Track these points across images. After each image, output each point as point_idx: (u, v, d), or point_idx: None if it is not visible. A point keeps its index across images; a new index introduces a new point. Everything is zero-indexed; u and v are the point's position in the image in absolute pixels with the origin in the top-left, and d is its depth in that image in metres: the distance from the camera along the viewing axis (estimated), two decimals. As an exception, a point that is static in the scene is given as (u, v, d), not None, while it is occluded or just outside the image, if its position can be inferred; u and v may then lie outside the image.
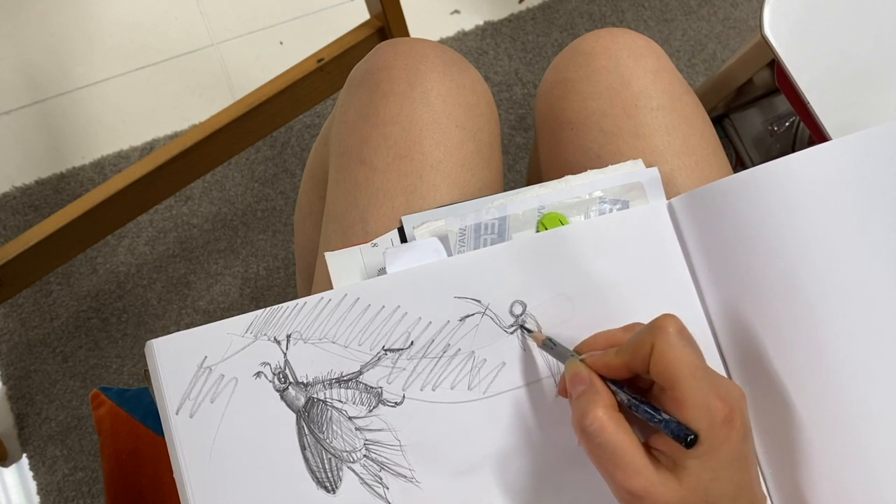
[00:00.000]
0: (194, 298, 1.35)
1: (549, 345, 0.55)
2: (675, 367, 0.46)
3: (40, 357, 1.32)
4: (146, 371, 0.55)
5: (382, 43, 0.72)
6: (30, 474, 1.28)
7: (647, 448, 0.47)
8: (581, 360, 0.51)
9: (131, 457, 0.96)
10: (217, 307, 1.35)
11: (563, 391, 0.54)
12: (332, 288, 0.59)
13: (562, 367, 0.56)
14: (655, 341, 0.46)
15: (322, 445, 0.55)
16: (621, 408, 0.49)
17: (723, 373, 0.58)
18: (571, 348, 0.54)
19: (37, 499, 1.26)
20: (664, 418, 0.46)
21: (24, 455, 1.28)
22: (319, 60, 1.09)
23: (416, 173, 0.65)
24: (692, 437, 0.45)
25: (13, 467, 1.28)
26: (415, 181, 0.65)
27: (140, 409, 0.99)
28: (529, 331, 0.57)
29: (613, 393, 0.49)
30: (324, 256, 0.62)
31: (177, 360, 0.54)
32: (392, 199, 0.64)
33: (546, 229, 0.61)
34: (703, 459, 0.45)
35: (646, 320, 0.53)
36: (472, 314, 0.57)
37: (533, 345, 0.57)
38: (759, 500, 0.48)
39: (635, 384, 0.51)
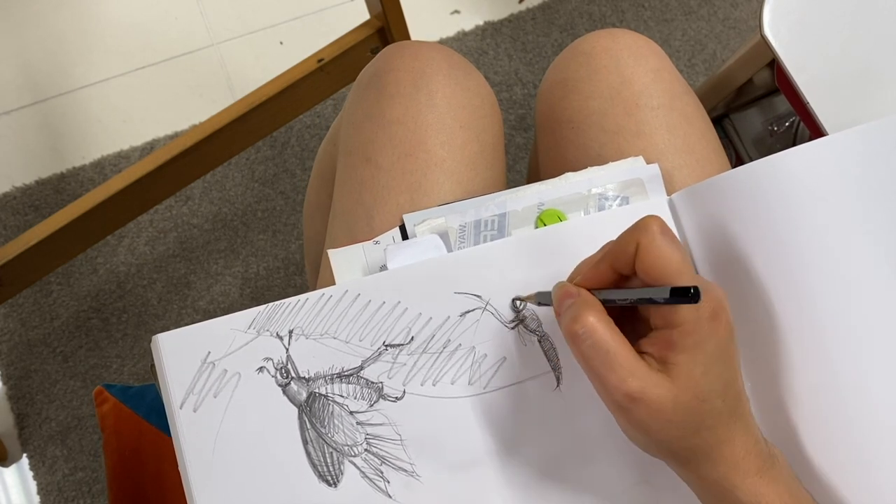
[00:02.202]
0: (194, 298, 1.35)
1: (542, 298, 0.55)
2: (661, 263, 0.46)
3: (40, 357, 1.32)
4: (152, 366, 0.56)
5: (389, 46, 0.73)
6: (30, 474, 1.28)
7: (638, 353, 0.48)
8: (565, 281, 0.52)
9: (134, 453, 0.96)
10: (217, 307, 1.35)
11: (556, 312, 0.54)
12: (335, 284, 0.59)
13: (564, 357, 0.57)
14: (640, 240, 0.47)
15: (324, 439, 0.55)
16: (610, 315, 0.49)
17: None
18: None
19: (37, 499, 1.26)
20: (660, 288, 0.46)
21: (24, 455, 1.28)
22: (319, 60, 1.09)
23: (421, 171, 0.66)
24: (693, 289, 0.44)
25: (13, 467, 1.28)
26: (419, 179, 0.65)
27: (143, 406, 0.99)
28: (522, 299, 0.58)
29: (603, 301, 0.49)
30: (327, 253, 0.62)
31: (181, 355, 0.55)
32: (396, 197, 0.65)
33: (545, 225, 0.61)
34: (691, 353, 0.46)
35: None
36: (473, 310, 0.58)
37: (532, 339, 0.57)
38: (744, 398, 0.49)
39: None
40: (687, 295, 0.44)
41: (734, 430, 0.48)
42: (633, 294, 0.48)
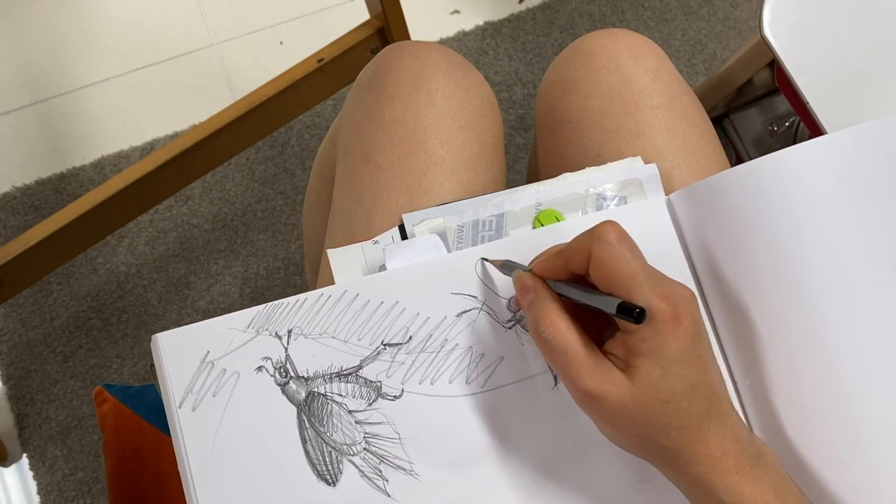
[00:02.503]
0: (194, 298, 1.35)
1: (507, 267, 0.56)
2: (613, 273, 0.47)
3: (40, 357, 1.32)
4: (151, 365, 0.56)
5: (389, 46, 0.73)
6: (30, 474, 1.28)
7: (604, 354, 0.48)
8: (526, 271, 0.52)
9: (134, 453, 0.97)
10: (217, 307, 1.35)
11: (517, 302, 0.56)
12: (334, 283, 0.60)
13: None
14: (592, 248, 0.48)
15: (322, 438, 0.55)
16: (573, 314, 0.50)
17: (723, 367, 0.58)
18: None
19: (37, 499, 1.26)
20: (610, 299, 0.47)
21: (24, 455, 1.28)
22: (319, 60, 1.09)
23: (421, 171, 0.66)
24: (639, 310, 0.45)
25: (13, 467, 1.28)
26: (419, 179, 0.65)
27: (143, 406, 1.00)
28: (488, 260, 0.58)
29: (560, 295, 0.50)
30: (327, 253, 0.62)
31: (180, 354, 0.55)
32: (396, 197, 0.65)
33: (542, 226, 0.61)
34: (651, 357, 0.46)
35: None
36: (470, 310, 0.58)
37: (529, 338, 0.57)
38: (718, 398, 0.49)
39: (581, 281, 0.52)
40: (632, 314, 0.45)
41: (708, 431, 0.48)
42: (585, 297, 0.49)
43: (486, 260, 0.59)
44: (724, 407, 0.49)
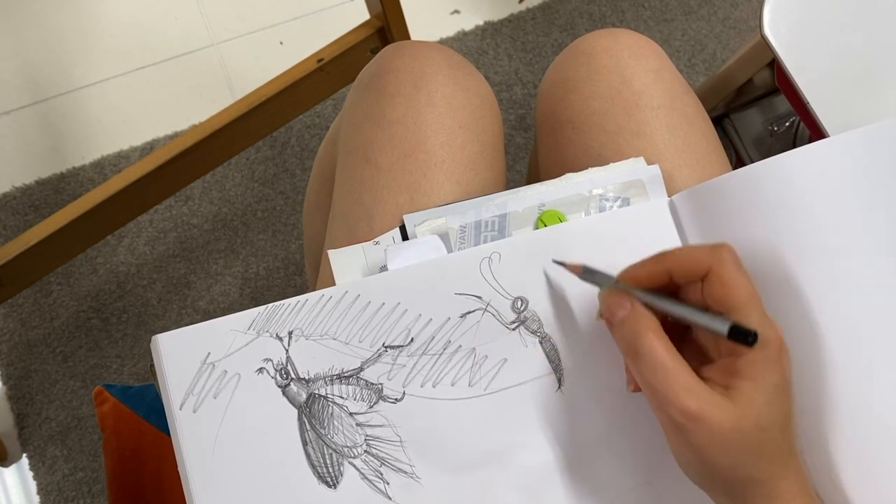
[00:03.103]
0: (194, 298, 1.35)
1: (588, 272, 0.54)
2: (735, 293, 0.47)
3: (40, 357, 1.32)
4: (151, 366, 0.56)
5: (389, 46, 0.73)
6: (30, 474, 1.28)
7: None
8: (616, 286, 0.51)
9: (134, 453, 0.97)
10: (217, 307, 1.35)
11: (604, 318, 0.54)
12: (335, 284, 0.59)
13: (566, 358, 0.57)
14: (714, 264, 0.47)
15: (323, 441, 0.55)
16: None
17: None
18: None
19: (37, 499, 1.26)
20: (722, 319, 0.46)
21: (24, 455, 1.28)
22: (319, 60, 1.09)
23: (421, 172, 0.66)
24: (752, 336, 0.45)
25: (13, 467, 1.28)
26: (419, 179, 0.65)
27: (143, 406, 0.99)
28: (563, 263, 0.57)
29: (657, 311, 0.49)
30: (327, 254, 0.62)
31: (180, 355, 0.55)
32: (396, 197, 0.65)
33: (545, 226, 0.61)
34: (756, 381, 0.46)
35: None
36: (473, 311, 0.57)
37: (533, 340, 0.57)
38: (795, 434, 0.49)
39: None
40: (746, 338, 0.45)
41: (790, 466, 0.48)
42: (690, 314, 0.48)
43: (561, 263, 0.57)
44: (798, 446, 0.49)
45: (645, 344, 0.47)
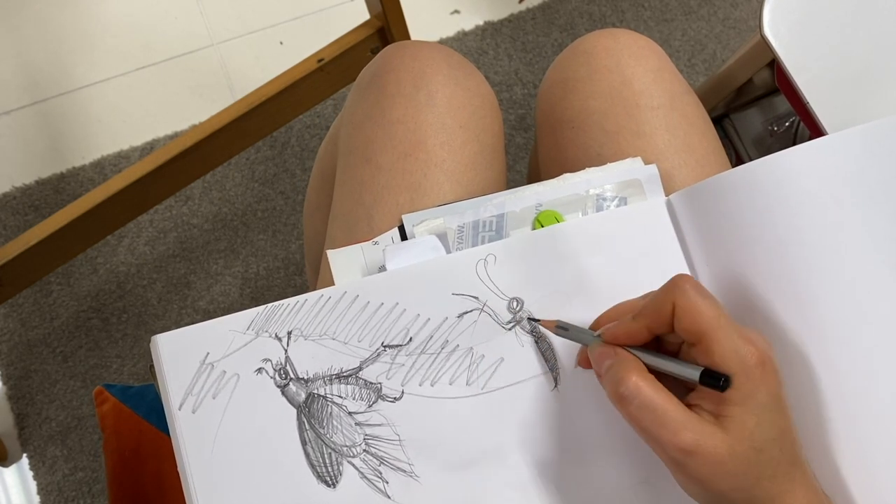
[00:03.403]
0: (194, 298, 1.35)
1: (562, 328, 0.55)
2: (700, 319, 0.46)
3: (40, 357, 1.32)
4: (151, 366, 0.56)
5: (389, 46, 0.73)
6: (30, 474, 1.28)
7: (689, 407, 0.48)
8: (600, 340, 0.51)
9: (134, 453, 0.97)
10: (217, 307, 1.35)
11: (583, 362, 0.55)
12: (334, 284, 0.60)
13: (562, 358, 0.57)
14: (676, 299, 0.47)
15: (322, 440, 0.55)
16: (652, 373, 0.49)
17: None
18: (586, 327, 0.55)
19: (37, 499, 1.26)
20: (693, 367, 0.47)
21: (24, 455, 1.28)
22: (319, 60, 1.09)
23: (421, 171, 0.66)
24: (724, 378, 0.45)
25: (13, 467, 1.28)
26: (419, 179, 0.65)
27: (143, 406, 1.00)
28: (537, 320, 0.58)
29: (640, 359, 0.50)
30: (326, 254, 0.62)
31: (180, 356, 0.55)
32: (396, 197, 0.65)
33: (542, 226, 0.61)
34: (744, 405, 0.46)
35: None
36: (470, 311, 0.58)
37: (529, 340, 0.57)
38: (798, 445, 0.49)
39: (658, 349, 0.51)
40: (718, 382, 0.46)
41: (795, 480, 0.47)
42: (664, 364, 0.49)
43: (535, 321, 0.58)
44: (803, 455, 0.49)
45: (629, 385, 0.47)
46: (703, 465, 0.46)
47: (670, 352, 0.51)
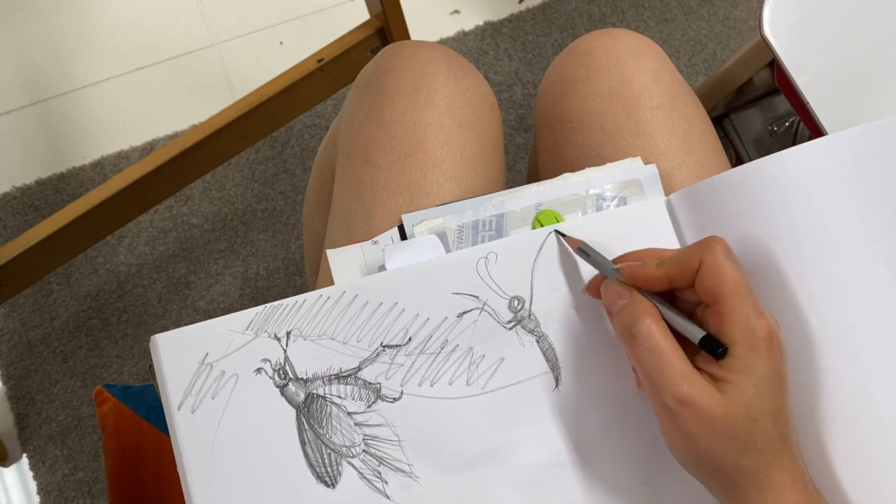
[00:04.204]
0: (194, 298, 1.35)
1: (583, 251, 0.56)
2: (722, 282, 0.48)
3: (40, 357, 1.32)
4: (151, 366, 0.56)
5: (389, 46, 0.73)
6: (30, 474, 1.28)
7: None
8: (618, 276, 0.52)
9: (134, 453, 0.97)
10: (217, 307, 1.35)
11: (592, 290, 0.56)
12: (334, 284, 0.59)
13: (563, 357, 0.57)
14: (704, 257, 0.48)
15: (321, 440, 0.55)
16: None
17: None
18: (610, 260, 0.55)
19: (37, 499, 1.26)
20: (697, 328, 0.48)
21: (24, 455, 1.28)
22: (319, 60, 1.09)
23: (420, 171, 0.66)
24: (721, 348, 0.47)
25: (13, 467, 1.28)
26: (419, 179, 0.65)
27: (143, 406, 0.99)
28: (563, 235, 0.58)
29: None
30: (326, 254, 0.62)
31: (179, 356, 0.55)
32: (396, 197, 0.65)
33: (542, 226, 0.61)
34: (746, 374, 0.47)
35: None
36: (470, 310, 0.57)
37: (531, 339, 0.57)
38: (792, 427, 0.49)
39: (672, 302, 0.52)
40: (716, 349, 0.47)
41: (783, 457, 0.48)
42: (673, 319, 0.50)
43: (561, 234, 0.58)
44: (794, 438, 0.50)
45: (642, 328, 0.49)
46: (695, 419, 0.47)
47: (683, 311, 0.52)
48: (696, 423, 0.47)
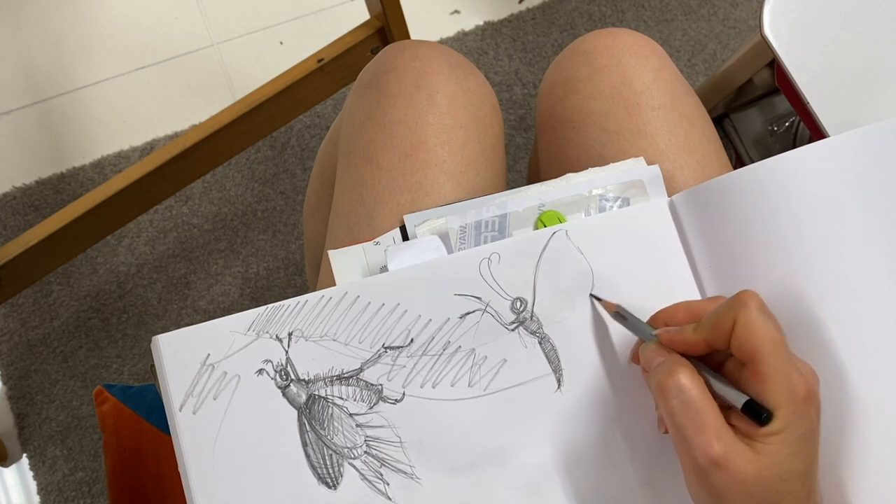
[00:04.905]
0: (194, 298, 1.35)
1: (621, 315, 0.55)
2: (759, 341, 0.46)
3: (40, 357, 1.32)
4: (152, 366, 0.56)
5: (389, 46, 0.73)
6: (30, 474, 1.28)
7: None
8: (656, 340, 0.51)
9: (134, 453, 0.96)
10: (217, 307, 1.35)
11: (635, 358, 0.55)
12: (335, 284, 0.59)
13: (565, 359, 0.57)
14: (738, 315, 0.47)
15: (323, 442, 0.55)
16: None
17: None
18: (644, 319, 0.54)
19: (37, 499, 1.26)
20: (739, 394, 0.47)
21: (24, 455, 1.28)
22: (319, 60, 1.09)
23: (422, 172, 0.66)
24: (766, 414, 0.45)
25: (13, 467, 1.28)
26: (420, 179, 0.65)
27: (144, 406, 0.99)
28: (599, 299, 0.57)
29: None
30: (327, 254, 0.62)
31: (180, 357, 0.55)
32: (397, 197, 0.65)
33: (545, 227, 0.61)
34: (783, 435, 0.45)
35: (644, 317, 0.54)
36: (473, 311, 0.57)
37: (533, 341, 0.57)
38: (817, 480, 0.48)
39: (710, 362, 0.51)
40: (760, 415, 0.45)
41: None
42: (714, 383, 0.48)
43: (597, 298, 0.58)
44: (818, 490, 0.49)
45: (677, 381, 0.47)
46: (725, 479, 0.45)
47: (716, 361, 0.50)
48: (726, 483, 0.45)
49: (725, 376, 0.49)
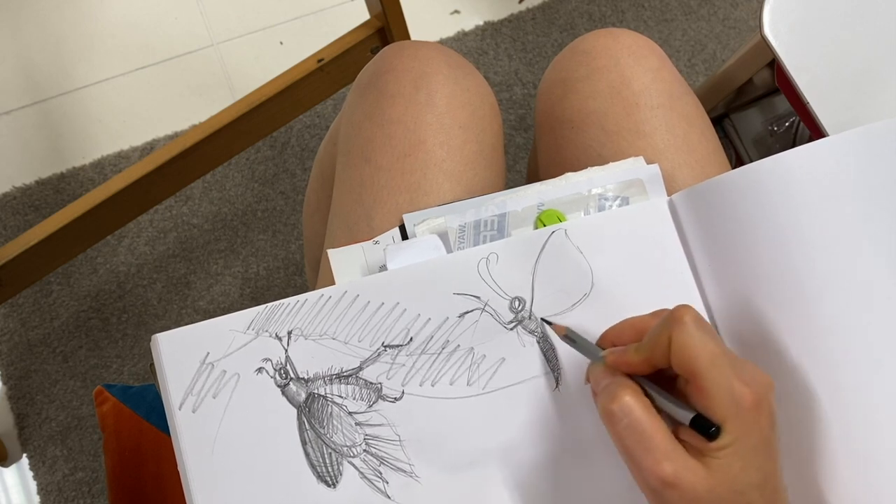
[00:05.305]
0: (194, 298, 1.35)
1: (570, 338, 0.54)
2: (694, 356, 0.45)
3: (40, 357, 1.32)
4: (152, 365, 0.56)
5: (389, 46, 0.73)
6: (30, 474, 1.28)
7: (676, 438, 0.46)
8: (603, 362, 0.50)
9: (134, 453, 0.96)
10: (217, 307, 1.35)
11: (587, 380, 0.53)
12: (335, 284, 0.59)
13: (564, 358, 0.57)
14: (672, 333, 0.46)
15: (322, 440, 0.55)
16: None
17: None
18: (593, 340, 0.54)
19: (37, 499, 1.26)
20: (686, 409, 0.46)
21: (24, 455, 1.28)
22: (319, 60, 1.09)
23: (420, 171, 0.66)
24: (714, 429, 0.44)
25: (13, 467, 1.28)
26: (419, 179, 0.65)
27: (144, 406, 0.99)
28: (549, 323, 0.57)
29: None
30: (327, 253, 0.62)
31: (180, 355, 0.55)
32: (396, 197, 0.65)
33: (544, 226, 0.61)
34: (733, 448, 0.45)
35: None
36: (472, 310, 0.57)
37: (531, 340, 0.57)
38: (781, 490, 0.48)
39: (661, 378, 0.50)
40: (708, 430, 0.44)
41: None
42: (661, 401, 0.47)
43: (547, 322, 0.57)
44: (784, 497, 0.48)
45: (622, 405, 0.46)
46: (679, 498, 0.44)
47: (669, 378, 0.50)
48: (681, 502, 0.44)
49: (677, 392, 0.48)
